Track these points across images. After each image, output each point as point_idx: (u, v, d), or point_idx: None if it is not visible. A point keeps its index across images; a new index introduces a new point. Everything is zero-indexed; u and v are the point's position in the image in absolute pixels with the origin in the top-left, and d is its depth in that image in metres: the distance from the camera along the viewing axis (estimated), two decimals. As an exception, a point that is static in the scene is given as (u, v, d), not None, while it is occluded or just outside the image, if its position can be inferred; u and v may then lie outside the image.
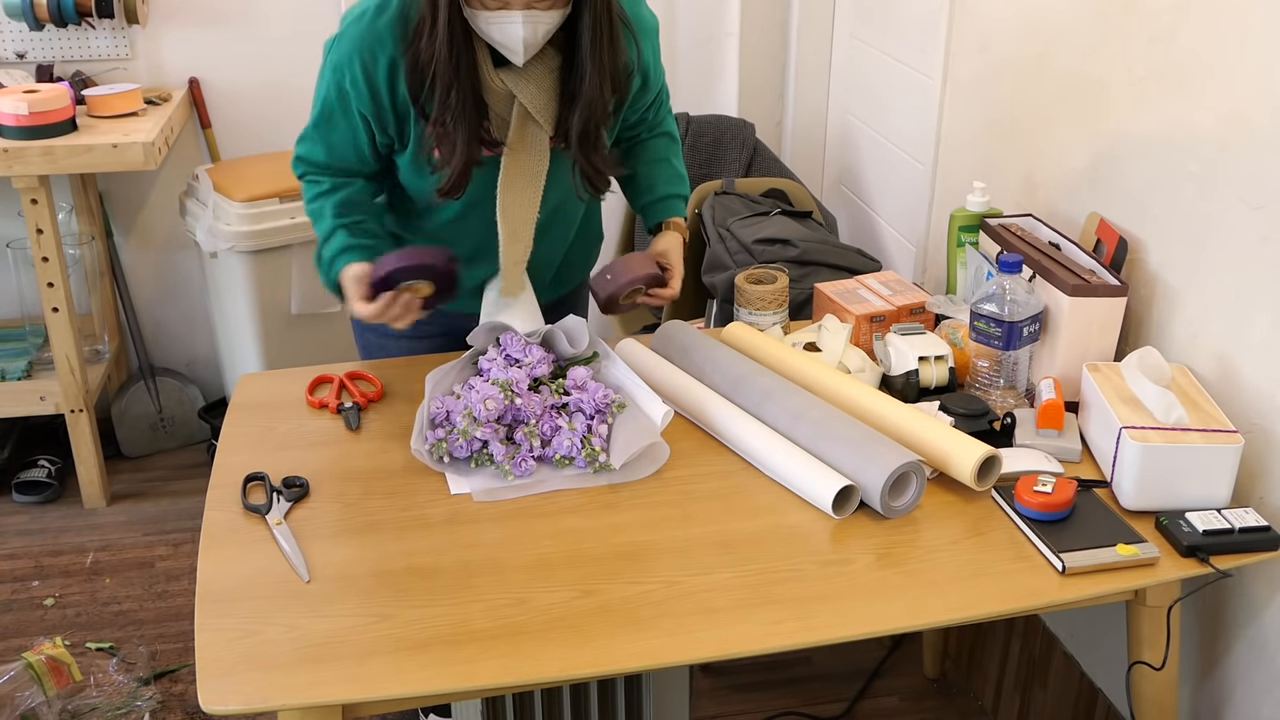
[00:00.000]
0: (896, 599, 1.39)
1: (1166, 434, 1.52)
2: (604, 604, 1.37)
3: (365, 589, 1.39)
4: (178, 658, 2.41)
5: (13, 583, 2.64)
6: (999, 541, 1.50)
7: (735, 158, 2.85)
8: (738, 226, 2.49)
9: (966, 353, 1.81)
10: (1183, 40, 1.68)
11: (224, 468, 1.63)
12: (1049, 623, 2.12)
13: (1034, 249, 1.82)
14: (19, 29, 2.84)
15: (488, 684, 1.27)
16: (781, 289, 1.99)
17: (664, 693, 1.82)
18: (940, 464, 1.58)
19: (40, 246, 2.66)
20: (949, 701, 2.35)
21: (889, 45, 2.68)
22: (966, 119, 2.32)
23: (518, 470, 1.60)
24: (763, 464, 1.62)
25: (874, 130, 2.80)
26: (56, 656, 2.20)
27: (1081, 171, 1.94)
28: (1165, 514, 1.52)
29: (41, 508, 2.92)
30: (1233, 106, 1.59)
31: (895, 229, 2.72)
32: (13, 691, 2.14)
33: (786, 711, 2.30)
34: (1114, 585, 1.44)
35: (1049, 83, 2.01)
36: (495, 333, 1.77)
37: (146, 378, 3.14)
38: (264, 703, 1.24)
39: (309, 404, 1.79)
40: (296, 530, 1.49)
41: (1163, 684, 1.59)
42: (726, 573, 1.42)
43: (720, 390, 1.75)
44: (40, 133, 2.56)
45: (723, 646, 1.32)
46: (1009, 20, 2.14)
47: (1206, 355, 1.68)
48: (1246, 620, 1.66)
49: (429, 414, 1.64)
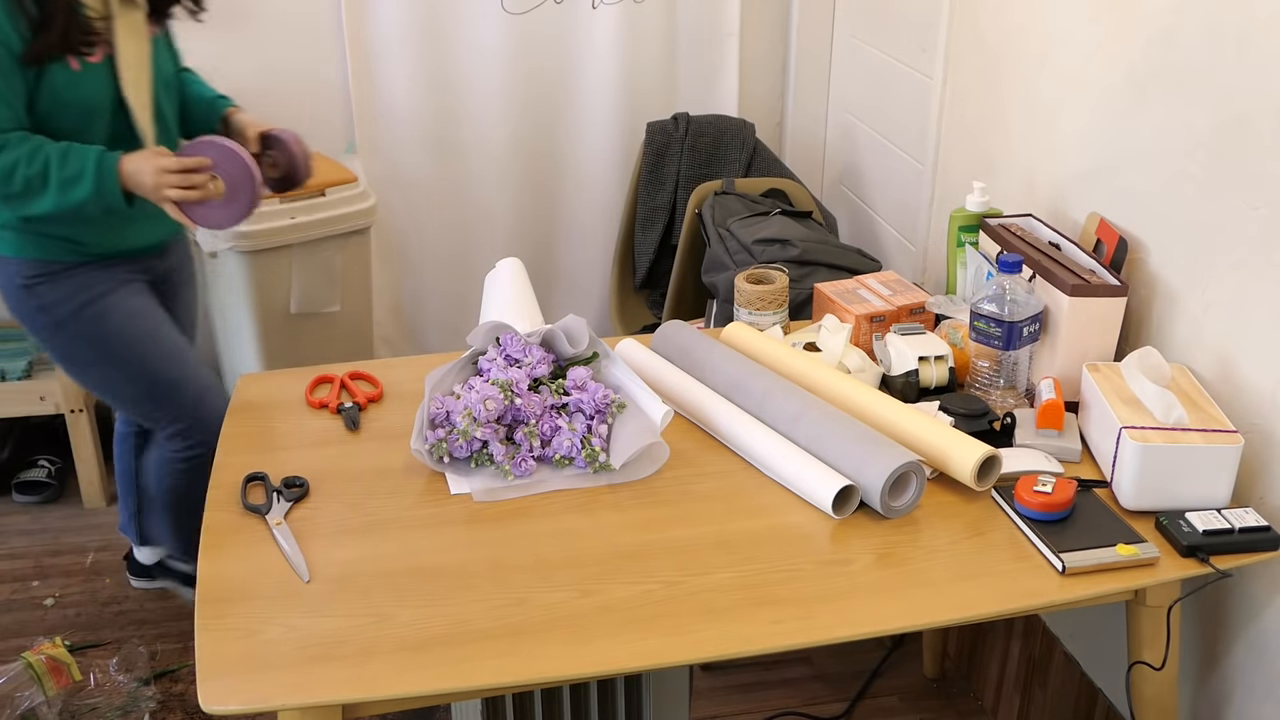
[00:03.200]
0: (896, 599, 1.39)
1: (1166, 434, 1.52)
2: (604, 604, 1.37)
3: (365, 589, 1.39)
4: (178, 658, 2.41)
5: (13, 583, 2.64)
6: (999, 541, 1.50)
7: (735, 158, 2.85)
8: (738, 226, 2.49)
9: (966, 353, 1.81)
10: (1183, 40, 1.68)
11: (224, 468, 1.63)
12: (1049, 623, 2.12)
13: (1034, 249, 1.82)
14: None
15: (487, 684, 1.27)
16: (781, 289, 1.99)
17: (664, 693, 1.82)
18: (940, 464, 1.58)
19: (40, 246, 2.66)
20: (949, 701, 2.35)
21: (889, 45, 2.68)
22: (966, 119, 2.32)
23: (518, 470, 1.60)
24: (763, 464, 1.62)
25: (874, 130, 2.80)
26: (56, 656, 2.20)
27: (1081, 171, 1.94)
28: (1165, 514, 1.52)
29: (41, 508, 2.92)
30: (1233, 107, 1.59)
31: (895, 229, 2.72)
32: (13, 691, 2.14)
33: (786, 711, 2.30)
34: (1114, 585, 1.44)
35: (1049, 83, 2.01)
36: (495, 333, 1.77)
37: (146, 378, 3.14)
38: (264, 703, 1.24)
39: (309, 404, 1.79)
40: (296, 530, 1.49)
41: (1163, 684, 1.59)
42: (726, 573, 1.42)
43: (720, 390, 1.75)
44: (40, 133, 2.56)
45: (723, 646, 1.32)
46: (1009, 20, 2.14)
47: (1206, 355, 1.68)
48: (1246, 620, 1.66)
49: (429, 414, 1.64)
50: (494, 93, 2.92)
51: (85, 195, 1.86)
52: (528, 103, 2.96)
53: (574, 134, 3.02)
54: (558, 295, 3.19)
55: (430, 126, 2.92)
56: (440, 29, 2.85)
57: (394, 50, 2.84)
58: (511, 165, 3.01)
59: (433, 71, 2.88)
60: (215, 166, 1.92)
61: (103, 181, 1.85)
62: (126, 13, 1.93)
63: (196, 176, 1.89)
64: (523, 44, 2.89)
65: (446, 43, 2.86)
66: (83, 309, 2.02)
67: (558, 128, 3.02)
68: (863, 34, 2.84)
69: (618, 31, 2.91)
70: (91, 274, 2.03)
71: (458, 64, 2.89)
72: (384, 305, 3.11)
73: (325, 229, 2.79)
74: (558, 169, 3.06)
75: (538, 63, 2.93)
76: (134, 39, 1.94)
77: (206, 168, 1.90)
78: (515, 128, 2.97)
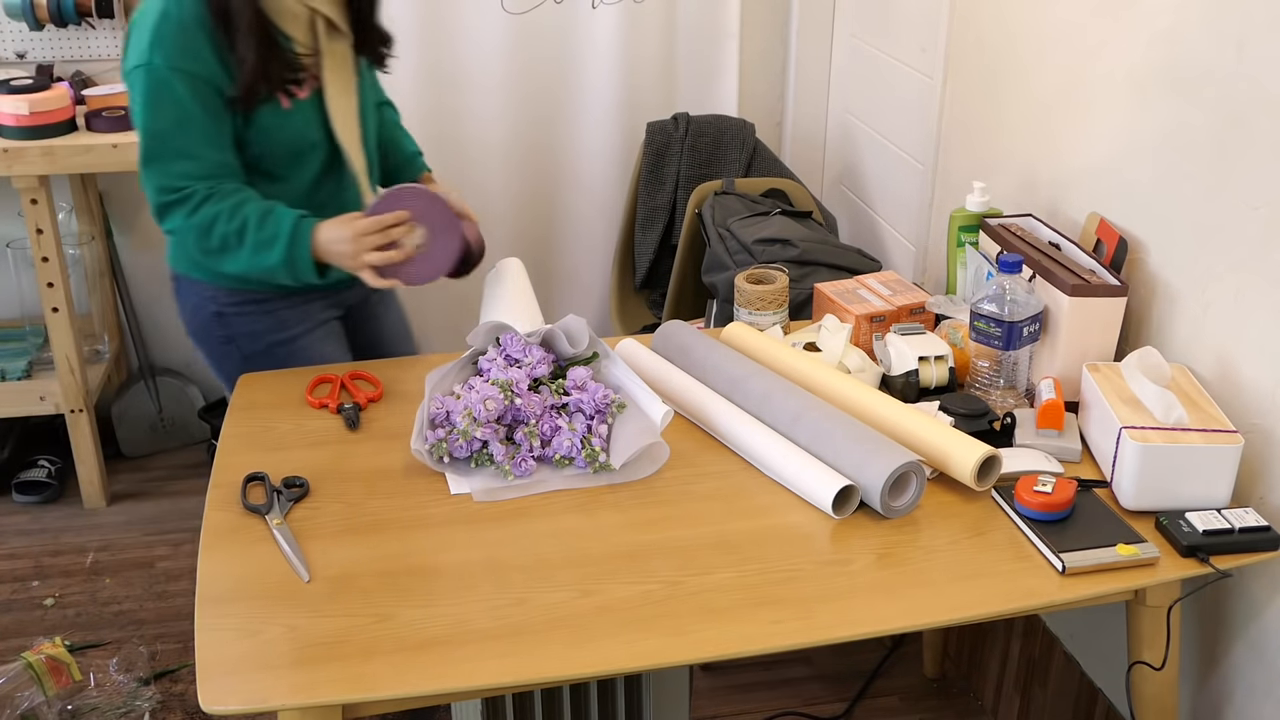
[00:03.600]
0: (896, 599, 1.39)
1: (1166, 434, 1.52)
2: (604, 604, 1.37)
3: (365, 589, 1.39)
4: (178, 658, 2.41)
5: (13, 583, 2.64)
6: (999, 541, 1.50)
7: (735, 158, 2.85)
8: (738, 226, 2.49)
9: (966, 353, 1.81)
10: (1183, 40, 1.68)
11: (224, 468, 1.63)
12: (1049, 623, 2.12)
13: (1034, 249, 1.82)
14: (19, 29, 2.84)
15: (488, 684, 1.27)
16: (781, 289, 1.99)
17: (664, 693, 1.82)
18: (940, 464, 1.58)
19: (40, 246, 2.66)
20: (949, 701, 2.35)
21: (889, 45, 2.68)
22: (966, 119, 2.32)
23: (518, 470, 1.60)
24: (763, 464, 1.62)
25: (874, 130, 2.80)
26: (56, 656, 2.20)
27: (1081, 171, 1.94)
28: (1165, 514, 1.52)
29: (41, 508, 2.92)
30: (1232, 107, 1.59)
31: (895, 229, 2.72)
32: (13, 691, 2.14)
33: (786, 711, 2.30)
34: (1114, 585, 1.44)
35: (1049, 83, 2.01)
36: (495, 333, 1.77)
37: (146, 378, 3.14)
38: (264, 703, 1.24)
39: (309, 404, 1.79)
40: (296, 530, 1.49)
41: (1163, 684, 1.59)
42: (726, 573, 1.42)
43: (720, 390, 1.75)
44: (40, 133, 2.56)
45: (723, 646, 1.32)
46: (1009, 20, 2.14)
47: (1206, 355, 1.68)
48: (1246, 620, 1.66)
49: (429, 414, 1.64)
50: (494, 92, 2.92)
51: (276, 261, 1.79)
52: (528, 102, 2.96)
53: (574, 134, 3.02)
54: (558, 295, 3.19)
55: (430, 127, 2.91)
56: (440, 29, 2.85)
57: (394, 50, 2.83)
58: (511, 165, 3.01)
59: (433, 72, 2.87)
60: (414, 217, 1.79)
61: (295, 248, 1.78)
62: (333, 44, 1.86)
63: (395, 231, 1.78)
64: (523, 44, 2.89)
65: (447, 43, 2.86)
66: (273, 349, 1.95)
67: (558, 127, 3.01)
68: (863, 34, 2.84)
69: (618, 31, 2.91)
70: (286, 311, 1.95)
71: (458, 64, 2.89)
72: (384, 305, 3.11)
73: (325, 229, 2.79)
74: (558, 169, 3.06)
75: (538, 62, 2.92)
76: (341, 71, 1.87)
77: (404, 221, 1.79)
78: (515, 127, 2.97)
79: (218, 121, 1.78)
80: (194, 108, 1.75)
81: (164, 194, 1.78)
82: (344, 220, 1.80)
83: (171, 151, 1.77)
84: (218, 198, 1.78)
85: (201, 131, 1.77)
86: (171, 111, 1.75)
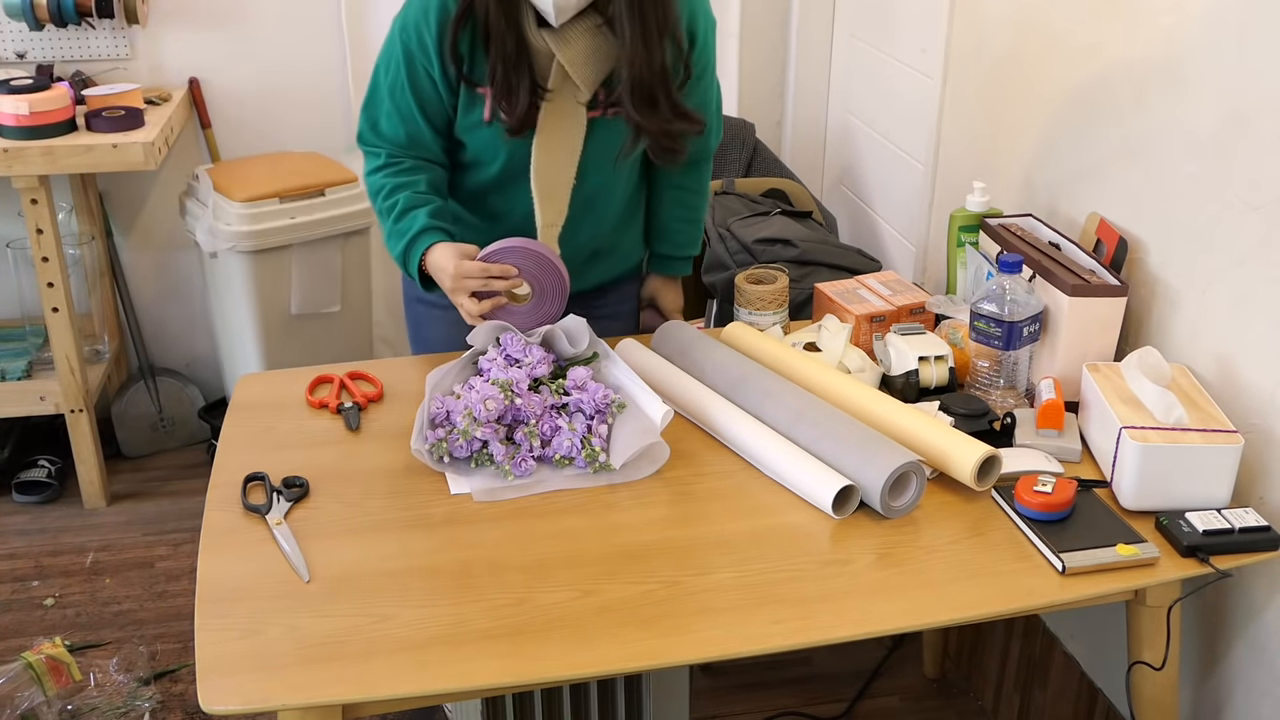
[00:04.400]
0: (896, 599, 1.39)
1: (1166, 434, 1.52)
2: (604, 604, 1.37)
3: (365, 589, 1.39)
4: (178, 658, 2.41)
5: (13, 583, 2.64)
6: (999, 541, 1.50)
7: (735, 158, 2.85)
8: (738, 226, 2.49)
9: (966, 353, 1.81)
10: (1183, 40, 1.68)
11: (224, 468, 1.63)
12: (1049, 623, 2.12)
13: (1034, 249, 1.82)
14: (19, 29, 2.84)
15: (488, 684, 1.27)
16: (781, 289, 1.99)
17: (664, 693, 1.82)
18: (940, 464, 1.58)
19: (40, 246, 2.66)
20: (949, 701, 2.35)
21: (889, 45, 2.68)
22: (966, 119, 2.32)
23: (518, 470, 1.60)
24: (763, 464, 1.62)
25: (874, 130, 2.80)
26: (56, 656, 2.20)
27: (1081, 171, 1.94)
28: (1165, 514, 1.52)
29: (41, 508, 2.92)
30: (1232, 107, 1.59)
31: (895, 229, 2.72)
32: (13, 691, 2.14)
33: (786, 711, 2.30)
34: (1114, 585, 1.44)
35: (1049, 83, 2.01)
36: (495, 332, 1.77)
37: (146, 378, 3.14)
38: (264, 703, 1.24)
39: (309, 404, 1.79)
40: (296, 530, 1.49)
41: (1163, 684, 1.59)
42: (726, 573, 1.42)
43: (720, 390, 1.75)
44: (40, 133, 2.56)
45: (723, 646, 1.32)
46: (1009, 20, 2.14)
47: (1206, 355, 1.68)
48: (1246, 620, 1.66)
49: (429, 414, 1.64)
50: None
51: (396, 256, 1.84)
52: (528, 103, 2.96)
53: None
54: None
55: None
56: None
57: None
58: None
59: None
60: (523, 272, 1.78)
61: (409, 256, 1.81)
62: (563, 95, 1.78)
63: (497, 283, 1.76)
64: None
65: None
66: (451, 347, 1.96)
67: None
68: (863, 34, 2.84)
69: (618, 31, 2.90)
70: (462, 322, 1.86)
71: (458, 64, 2.89)
72: (384, 305, 3.11)
73: (325, 229, 2.79)
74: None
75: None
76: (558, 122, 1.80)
77: (510, 275, 1.77)
78: (515, 128, 2.97)
79: (427, 103, 1.81)
80: (406, 82, 1.80)
81: (361, 139, 1.88)
82: (455, 254, 1.77)
83: (378, 105, 1.84)
84: (390, 170, 1.84)
85: (407, 104, 1.81)
86: (392, 73, 1.81)
